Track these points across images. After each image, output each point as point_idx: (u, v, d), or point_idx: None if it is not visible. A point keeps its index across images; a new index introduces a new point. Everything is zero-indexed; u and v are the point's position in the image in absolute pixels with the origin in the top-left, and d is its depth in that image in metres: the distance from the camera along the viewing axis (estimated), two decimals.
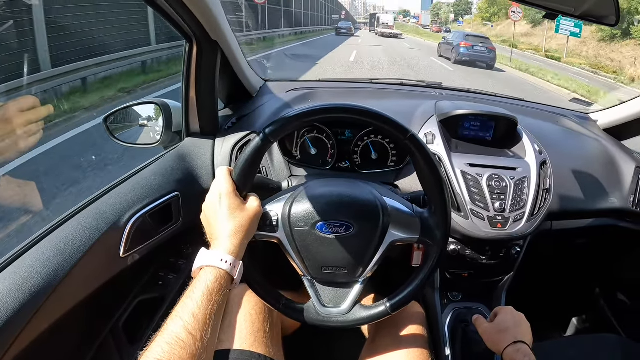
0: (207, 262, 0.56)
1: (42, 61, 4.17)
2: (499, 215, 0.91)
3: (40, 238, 0.70)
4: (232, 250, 0.58)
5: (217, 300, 0.53)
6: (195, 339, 0.48)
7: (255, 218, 0.64)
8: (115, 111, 1.07)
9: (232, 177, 0.64)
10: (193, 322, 0.49)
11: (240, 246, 0.59)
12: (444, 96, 1.33)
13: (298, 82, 1.36)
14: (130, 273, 0.83)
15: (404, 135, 0.64)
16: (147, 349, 0.47)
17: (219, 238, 0.59)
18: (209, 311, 0.51)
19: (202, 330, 0.49)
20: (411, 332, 0.82)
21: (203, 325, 0.50)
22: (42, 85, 4.11)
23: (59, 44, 4.52)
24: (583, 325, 1.41)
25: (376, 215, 0.67)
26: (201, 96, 0.99)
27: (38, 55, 4.11)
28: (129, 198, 0.83)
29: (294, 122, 0.65)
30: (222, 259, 0.56)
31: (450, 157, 0.97)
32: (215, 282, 0.54)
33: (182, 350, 0.46)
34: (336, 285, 0.70)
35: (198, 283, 0.54)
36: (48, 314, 0.65)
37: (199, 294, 0.52)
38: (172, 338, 0.47)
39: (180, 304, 0.52)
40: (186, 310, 0.50)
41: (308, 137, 1.02)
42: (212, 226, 0.61)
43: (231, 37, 0.98)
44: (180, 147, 1.00)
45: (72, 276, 0.68)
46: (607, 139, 1.26)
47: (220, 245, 0.58)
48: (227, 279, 0.56)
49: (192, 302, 0.51)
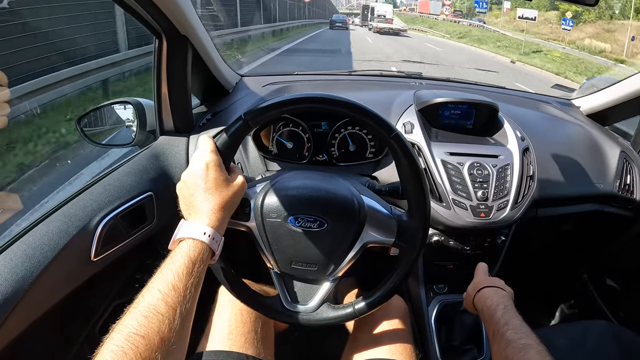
0: (188, 234, 0.53)
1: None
2: (482, 204, 0.90)
3: (8, 245, 0.67)
4: (214, 224, 0.55)
5: (197, 273, 0.50)
6: (175, 311, 0.45)
7: (239, 194, 0.61)
8: (89, 112, 1.04)
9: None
10: (173, 294, 0.46)
11: (222, 221, 0.57)
12: (423, 86, 1.32)
13: (275, 75, 1.34)
14: (104, 277, 0.81)
15: (389, 134, 0.61)
16: (120, 322, 0.43)
17: (201, 211, 0.56)
18: (189, 284, 0.48)
19: (181, 303, 0.46)
20: (393, 327, 0.80)
21: (182, 298, 0.47)
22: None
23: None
24: (572, 311, 1.40)
25: (352, 213, 0.65)
26: (173, 93, 0.97)
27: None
28: (100, 200, 0.80)
29: (274, 109, 0.62)
30: (205, 232, 0.54)
31: (429, 146, 0.95)
32: (196, 255, 0.51)
33: (161, 323, 0.43)
34: (305, 282, 0.68)
35: (177, 255, 0.51)
36: (17, 322, 0.63)
37: (179, 265, 0.49)
38: (149, 310, 0.44)
39: (157, 276, 0.48)
40: (165, 282, 0.47)
41: (283, 131, 0.99)
42: (193, 197, 0.58)
43: (202, 31, 0.96)
44: (154, 146, 0.98)
45: (40, 282, 0.66)
46: (591, 125, 1.25)
47: (202, 218, 0.55)
48: (208, 253, 0.54)
49: (171, 274, 0.48)
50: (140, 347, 0.41)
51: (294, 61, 9.83)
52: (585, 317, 1.30)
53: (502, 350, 0.57)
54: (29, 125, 3.13)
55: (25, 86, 3.05)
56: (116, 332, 0.42)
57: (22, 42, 3.32)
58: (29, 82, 3.11)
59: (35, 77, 3.23)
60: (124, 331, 0.42)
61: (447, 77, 1.43)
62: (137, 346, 0.41)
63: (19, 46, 3.29)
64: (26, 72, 3.19)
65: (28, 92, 3.09)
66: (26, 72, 3.19)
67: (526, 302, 0.87)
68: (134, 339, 0.41)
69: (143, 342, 0.41)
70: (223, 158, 0.60)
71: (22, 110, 3.01)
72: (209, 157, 0.59)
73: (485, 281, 0.74)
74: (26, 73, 3.17)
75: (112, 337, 0.41)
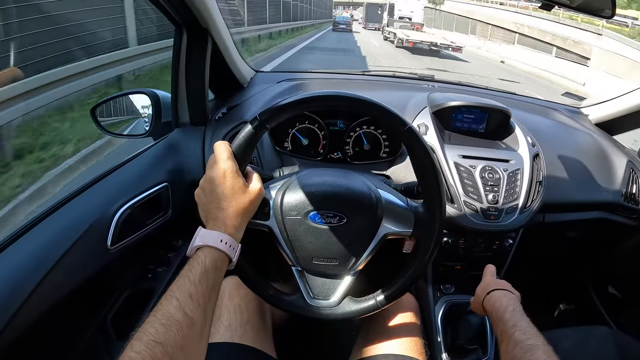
0: (206, 241, 0.54)
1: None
2: (492, 207, 0.91)
3: (25, 230, 0.68)
4: (231, 231, 0.56)
5: (214, 280, 0.51)
6: (192, 320, 0.46)
7: (257, 200, 0.61)
8: (103, 101, 1.05)
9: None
10: (190, 303, 0.47)
11: (239, 228, 0.58)
12: (436, 88, 1.33)
13: (290, 72, 1.34)
14: (119, 266, 0.82)
15: (402, 127, 0.62)
16: (139, 329, 0.44)
17: (218, 218, 0.57)
18: (206, 292, 0.49)
19: (198, 312, 0.47)
20: (404, 320, 0.82)
21: (199, 307, 0.48)
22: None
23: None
24: (573, 316, 1.42)
25: (370, 207, 0.66)
26: (191, 86, 0.98)
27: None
28: (117, 189, 0.81)
29: (290, 109, 0.63)
30: (222, 239, 0.54)
31: (443, 148, 0.96)
32: (213, 263, 0.52)
33: (178, 331, 0.44)
34: (326, 277, 0.69)
35: (195, 263, 0.52)
36: (33, 308, 0.63)
37: (197, 274, 0.50)
38: (167, 318, 0.45)
39: (175, 284, 0.49)
40: (182, 291, 0.48)
41: (300, 128, 1.00)
42: (211, 204, 0.58)
43: (222, 25, 0.96)
44: (170, 138, 0.98)
45: (57, 269, 0.66)
46: (599, 134, 1.27)
47: (220, 226, 0.56)
48: (225, 261, 0.55)
49: (189, 282, 0.49)
50: (159, 354, 0.42)
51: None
52: (585, 323, 1.32)
53: (510, 351, 0.58)
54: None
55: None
56: (136, 339, 0.43)
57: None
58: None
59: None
60: (143, 339, 0.43)
61: (459, 80, 1.44)
62: (156, 353, 0.41)
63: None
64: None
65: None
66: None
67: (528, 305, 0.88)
68: (152, 346, 0.42)
69: (161, 349, 0.42)
70: (239, 162, 0.60)
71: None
72: (225, 164, 0.58)
73: (494, 283, 0.75)
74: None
75: (132, 344, 0.42)
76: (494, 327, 0.67)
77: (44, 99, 3.03)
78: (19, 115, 2.70)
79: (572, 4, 0.94)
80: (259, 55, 9.00)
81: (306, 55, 10.53)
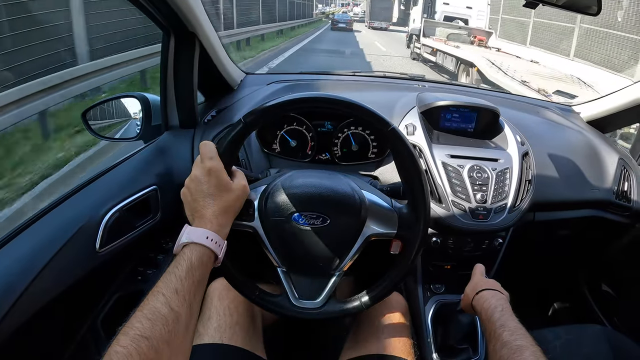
0: (192, 238, 0.55)
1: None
2: (481, 206, 0.91)
3: (14, 234, 0.68)
4: (217, 228, 0.57)
5: (200, 277, 0.52)
6: (178, 315, 0.47)
7: (242, 198, 0.62)
8: (94, 105, 1.06)
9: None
10: (176, 298, 0.48)
11: (225, 225, 0.59)
12: (426, 88, 1.33)
13: (280, 74, 1.35)
14: (108, 268, 0.82)
15: (385, 128, 0.63)
16: (126, 324, 0.45)
17: (204, 216, 0.57)
18: (193, 288, 0.50)
19: (184, 307, 0.48)
20: (393, 321, 0.82)
21: (185, 302, 0.49)
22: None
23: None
24: (566, 315, 1.41)
25: (354, 208, 0.66)
26: (180, 89, 0.98)
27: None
28: (106, 192, 0.82)
29: (274, 110, 0.63)
30: (208, 236, 0.55)
31: (431, 148, 0.96)
32: (199, 259, 0.53)
33: (164, 326, 0.45)
34: (311, 278, 0.69)
35: (181, 259, 0.52)
36: (22, 311, 0.64)
37: (183, 270, 0.51)
38: (153, 313, 0.45)
39: (162, 281, 0.50)
40: (169, 287, 0.49)
41: (288, 130, 1.01)
42: (196, 202, 0.59)
43: (210, 28, 0.97)
44: (159, 141, 0.99)
45: (46, 272, 0.67)
46: (590, 131, 1.26)
47: (206, 223, 0.57)
48: (211, 257, 0.55)
49: (175, 279, 0.50)
50: (144, 348, 0.42)
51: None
52: (579, 321, 1.32)
53: (497, 351, 0.58)
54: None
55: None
56: (122, 334, 0.43)
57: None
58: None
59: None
60: (129, 333, 0.43)
61: (449, 80, 1.44)
62: (141, 347, 0.42)
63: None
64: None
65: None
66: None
67: (521, 304, 0.88)
68: (138, 341, 0.42)
69: (147, 344, 0.43)
70: (224, 162, 0.61)
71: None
72: (210, 163, 0.59)
73: (483, 283, 0.75)
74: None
75: (118, 339, 0.43)
76: (483, 327, 0.68)
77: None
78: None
79: (557, 2, 0.94)
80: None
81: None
